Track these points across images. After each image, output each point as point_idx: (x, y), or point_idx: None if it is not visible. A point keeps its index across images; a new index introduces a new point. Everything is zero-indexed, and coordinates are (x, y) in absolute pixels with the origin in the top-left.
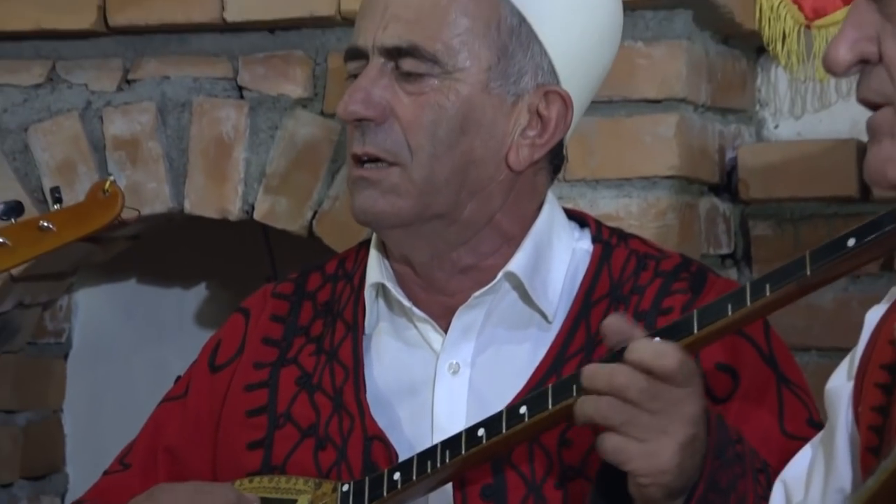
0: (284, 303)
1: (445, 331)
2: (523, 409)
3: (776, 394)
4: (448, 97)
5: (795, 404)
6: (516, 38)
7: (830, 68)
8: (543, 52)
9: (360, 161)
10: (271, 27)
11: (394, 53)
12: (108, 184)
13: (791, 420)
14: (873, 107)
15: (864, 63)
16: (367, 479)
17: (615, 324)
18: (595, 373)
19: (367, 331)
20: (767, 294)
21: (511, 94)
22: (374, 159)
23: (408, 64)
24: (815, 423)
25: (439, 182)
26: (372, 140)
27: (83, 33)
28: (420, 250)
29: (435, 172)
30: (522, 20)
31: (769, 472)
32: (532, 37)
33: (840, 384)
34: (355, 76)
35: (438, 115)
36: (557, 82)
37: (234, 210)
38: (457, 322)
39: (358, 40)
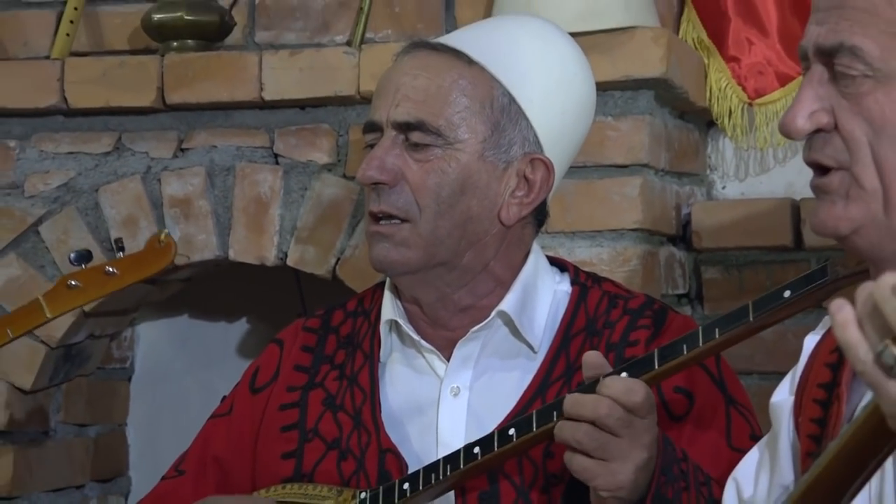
0: (313, 335)
1: (448, 360)
2: (512, 431)
3: (725, 413)
4: (450, 164)
5: (741, 422)
6: (507, 114)
7: (789, 134)
8: (529, 126)
9: (376, 218)
10: (302, 105)
11: (404, 127)
12: (163, 235)
13: (737, 436)
14: (820, 168)
15: (818, 131)
16: (381, 488)
17: (592, 359)
18: (580, 402)
19: (381, 359)
20: (717, 337)
21: (502, 161)
22: (388, 216)
23: (416, 136)
24: (757, 438)
25: (442, 235)
26: (386, 200)
27: (144, 110)
28: (427, 293)
29: (439, 227)
30: (512, 100)
31: (711, 485)
32: (520, 113)
33: (783, 398)
34: (371, 146)
35: (442, 179)
36: (541, 151)
37: (271, 257)
38: (457, 353)
39: (374, 116)
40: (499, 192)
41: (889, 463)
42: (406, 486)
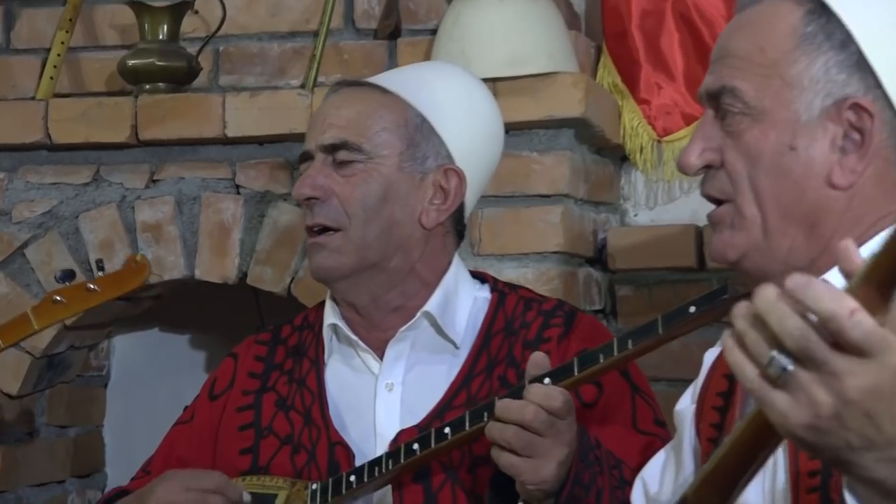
0: (264, 347)
1: (381, 359)
2: (447, 430)
3: (630, 400)
4: (372, 176)
5: (645, 408)
6: (420, 132)
7: (683, 170)
8: (442, 142)
9: (312, 231)
10: (261, 141)
11: (330, 149)
12: (138, 257)
13: (642, 420)
14: (714, 201)
15: (708, 167)
16: (330, 480)
17: (538, 359)
18: (509, 407)
19: (325, 361)
20: (630, 347)
21: (419, 172)
22: (322, 227)
23: (341, 155)
24: (660, 422)
25: (371, 239)
26: (319, 213)
27: (120, 145)
28: (361, 295)
29: (367, 232)
30: (424, 119)
31: (621, 467)
32: (432, 131)
33: (685, 406)
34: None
35: (366, 189)
36: (454, 164)
37: (232, 276)
38: (390, 351)
39: (306, 147)
40: (418, 200)
41: (781, 459)
42: (352, 478)
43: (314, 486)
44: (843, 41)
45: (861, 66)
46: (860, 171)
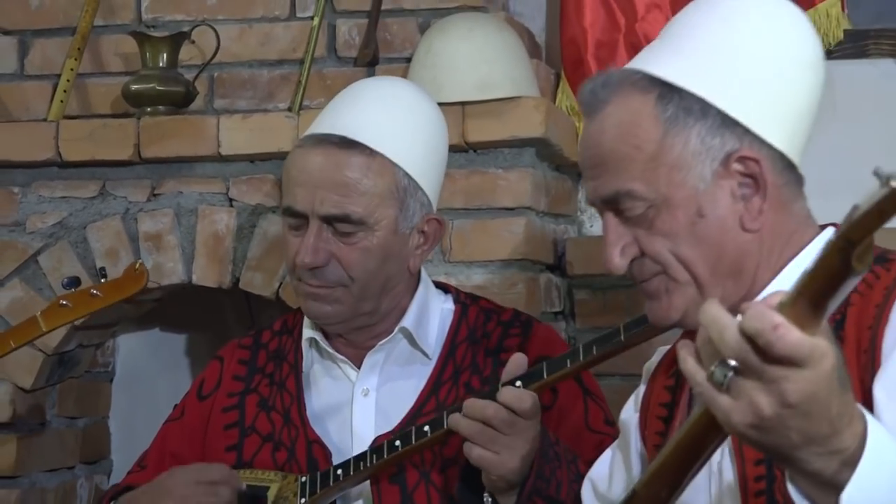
0: (247, 351)
1: (359, 367)
2: (426, 428)
3: (583, 402)
4: (372, 242)
5: (596, 409)
6: (409, 192)
7: (612, 272)
8: (423, 192)
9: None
10: (252, 159)
11: (330, 220)
12: (138, 265)
13: (593, 420)
14: (646, 280)
15: (632, 260)
16: (318, 473)
17: (519, 359)
18: (473, 405)
19: (304, 370)
20: (594, 353)
21: (409, 228)
22: (325, 288)
23: (342, 227)
24: (610, 422)
25: (369, 295)
26: (321, 277)
27: (124, 162)
28: (349, 329)
29: (367, 289)
30: (410, 178)
31: (577, 462)
32: (417, 186)
33: (629, 415)
34: (294, 227)
35: (367, 255)
36: (433, 209)
37: (226, 281)
38: (367, 361)
39: (296, 205)
40: (408, 251)
41: (727, 464)
42: (339, 471)
43: (303, 479)
44: (703, 109)
45: (726, 122)
46: (765, 209)
